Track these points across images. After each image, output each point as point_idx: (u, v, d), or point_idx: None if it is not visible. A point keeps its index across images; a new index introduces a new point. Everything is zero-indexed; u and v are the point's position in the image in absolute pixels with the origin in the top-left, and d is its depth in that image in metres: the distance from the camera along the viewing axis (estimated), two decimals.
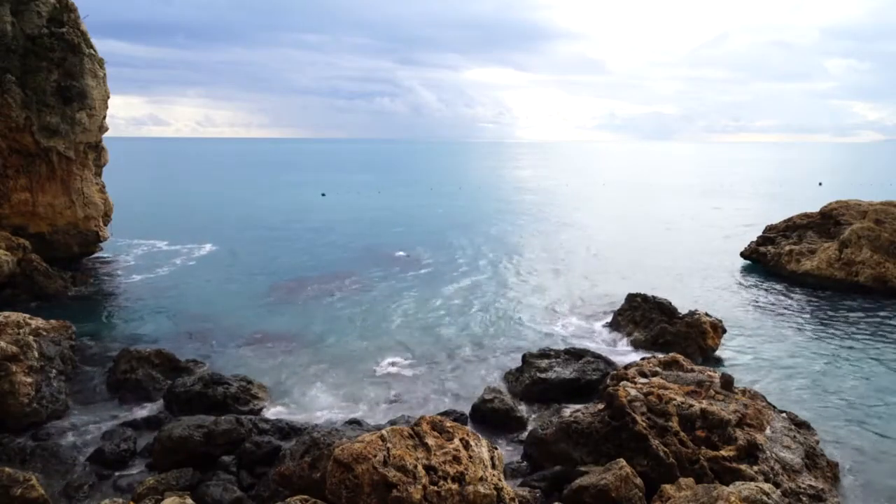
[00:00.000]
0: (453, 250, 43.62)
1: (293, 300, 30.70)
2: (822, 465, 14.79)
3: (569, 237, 49.94)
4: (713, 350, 23.19)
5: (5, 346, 17.83)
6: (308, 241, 47.25)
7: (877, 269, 31.34)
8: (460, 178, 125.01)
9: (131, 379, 19.80)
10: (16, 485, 12.87)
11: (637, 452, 14.20)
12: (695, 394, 15.72)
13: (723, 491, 10.98)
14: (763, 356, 23.34)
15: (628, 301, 25.92)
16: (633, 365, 18.36)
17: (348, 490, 11.53)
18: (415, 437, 12.47)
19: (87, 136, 34.27)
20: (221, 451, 15.38)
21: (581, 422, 15.56)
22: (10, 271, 29.45)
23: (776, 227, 41.08)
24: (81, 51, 33.23)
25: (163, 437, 15.41)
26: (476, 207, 70.82)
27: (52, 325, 20.88)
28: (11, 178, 32.90)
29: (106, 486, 14.68)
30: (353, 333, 25.66)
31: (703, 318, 23.57)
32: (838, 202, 38.83)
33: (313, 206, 70.33)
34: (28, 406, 17.21)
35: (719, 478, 13.31)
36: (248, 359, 22.68)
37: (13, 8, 31.57)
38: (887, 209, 33.34)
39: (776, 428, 15.17)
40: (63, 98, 32.55)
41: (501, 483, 12.22)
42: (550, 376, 19.98)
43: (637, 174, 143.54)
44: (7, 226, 32.57)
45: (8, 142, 32.00)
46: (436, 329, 26.34)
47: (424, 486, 11.41)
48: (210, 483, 13.98)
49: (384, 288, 33.04)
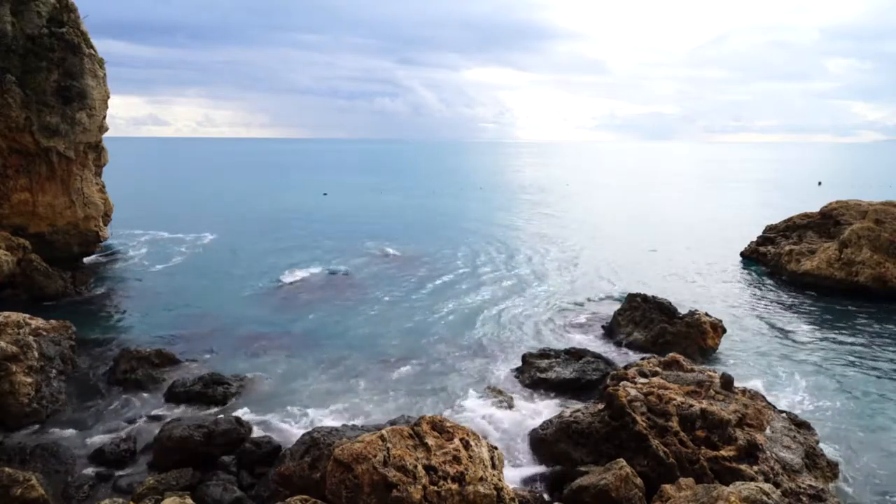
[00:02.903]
0: (454, 250, 43.61)
1: (294, 299, 30.71)
2: (822, 465, 14.80)
3: (568, 237, 49.92)
4: (713, 350, 23.19)
5: (5, 346, 17.84)
6: (309, 240, 47.25)
7: (877, 269, 31.33)
8: (461, 178, 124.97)
9: (131, 379, 19.85)
10: (16, 485, 12.87)
11: (637, 452, 14.21)
12: (695, 394, 15.73)
13: (723, 491, 10.98)
14: (763, 356, 23.34)
15: (628, 301, 25.92)
16: (633, 365, 18.38)
17: (348, 490, 11.53)
18: (415, 437, 12.47)
19: (87, 136, 34.26)
20: (221, 451, 15.39)
21: (581, 422, 15.58)
22: (10, 271, 29.47)
23: (776, 227, 41.11)
24: (81, 51, 33.23)
25: (163, 437, 15.42)
26: (476, 207, 70.82)
27: (52, 325, 20.88)
28: (11, 178, 32.90)
29: (106, 486, 14.65)
30: (353, 332, 25.67)
31: (703, 318, 23.58)
32: (838, 202, 38.85)
33: (315, 206, 70.30)
34: (28, 406, 17.22)
35: (719, 478, 13.32)
36: (248, 358, 22.67)
37: (13, 8, 31.55)
38: (887, 209, 33.32)
39: (776, 428, 15.18)
40: (63, 98, 32.55)
41: (501, 483, 12.23)
42: (550, 376, 20.00)
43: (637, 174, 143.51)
44: (7, 226, 32.57)
45: (8, 142, 31.99)
46: (436, 328, 26.33)
47: (424, 486, 11.41)
48: (210, 483, 13.98)
49: (384, 287, 33.05)
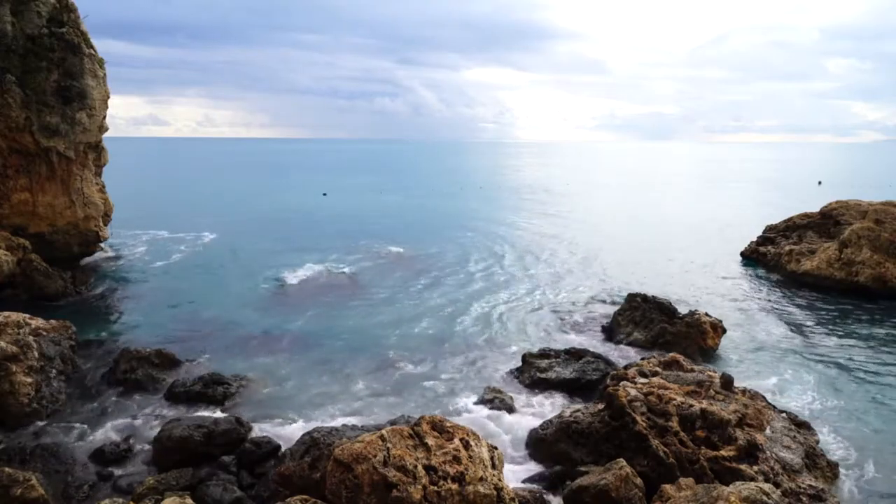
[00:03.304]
0: (453, 250, 43.61)
1: (294, 299, 30.70)
2: (822, 465, 14.80)
3: (568, 237, 49.91)
4: (713, 350, 23.19)
5: (5, 346, 17.84)
6: (309, 240, 47.24)
7: (877, 269, 31.33)
8: (461, 178, 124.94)
9: (131, 379, 19.82)
10: (16, 485, 12.87)
11: (637, 452, 14.21)
12: (695, 394, 15.73)
13: (723, 491, 10.98)
14: (763, 356, 23.34)
15: (628, 301, 25.91)
16: (633, 365, 18.38)
17: (348, 490, 11.53)
18: (415, 437, 12.47)
19: (87, 136, 34.26)
20: (221, 451, 15.38)
21: (581, 422, 15.58)
22: (10, 271, 29.46)
23: (776, 227, 41.11)
24: (81, 51, 33.23)
25: (163, 437, 15.42)
26: (476, 207, 70.80)
27: (52, 325, 20.88)
28: (11, 178, 32.90)
29: (106, 486, 14.64)
30: (353, 332, 25.65)
31: (703, 318, 23.58)
32: (838, 202, 38.85)
33: (315, 206, 70.30)
34: (28, 406, 17.22)
35: (719, 478, 13.32)
36: (248, 358, 22.66)
37: (13, 8, 31.55)
38: (887, 209, 33.32)
39: (776, 428, 15.18)
40: (63, 98, 32.54)
41: (501, 483, 12.23)
42: (550, 376, 20.00)
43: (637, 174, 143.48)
44: (7, 226, 32.57)
45: (8, 142, 32.00)
46: (436, 328, 26.33)
47: (424, 486, 11.41)
48: (210, 483, 13.98)
49: (384, 287, 33.04)
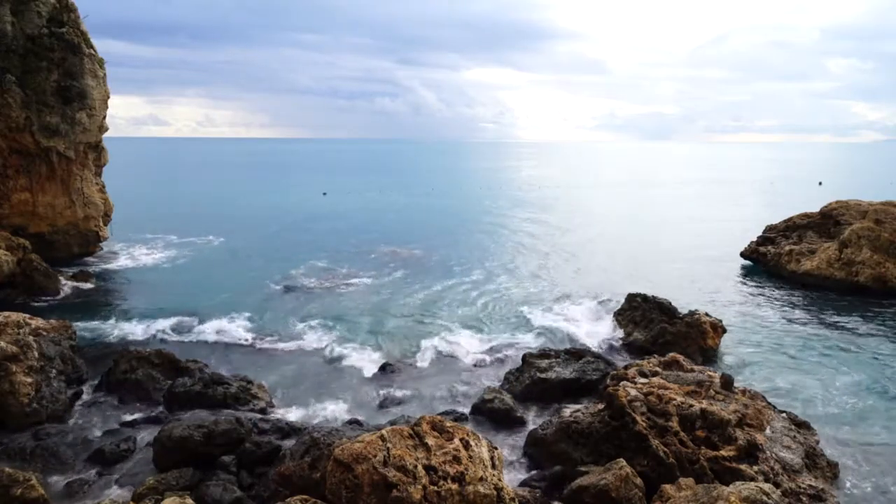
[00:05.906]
0: (453, 250, 43.60)
1: (293, 299, 30.69)
2: (822, 465, 14.80)
3: (568, 237, 49.93)
4: (713, 350, 23.18)
5: (5, 346, 17.83)
6: (309, 239, 47.26)
7: (877, 269, 31.32)
8: (461, 177, 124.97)
9: (131, 379, 19.79)
10: (16, 485, 12.86)
11: (637, 452, 14.20)
12: (695, 394, 15.72)
13: (723, 491, 10.98)
14: (763, 356, 23.33)
15: (628, 301, 25.90)
16: (633, 365, 18.36)
17: (348, 490, 11.53)
18: (415, 437, 12.47)
19: (87, 136, 34.28)
20: (221, 451, 15.36)
21: (581, 422, 15.57)
22: (10, 271, 29.46)
23: (776, 227, 41.07)
24: (81, 51, 33.25)
25: (163, 437, 15.40)
26: (477, 207, 70.80)
27: (52, 325, 20.87)
28: (11, 178, 32.93)
29: (106, 486, 14.66)
30: (352, 332, 25.64)
31: (703, 318, 23.56)
32: (838, 202, 38.80)
33: (315, 206, 70.33)
34: (28, 406, 17.21)
35: (719, 478, 13.31)
36: (248, 358, 22.67)
37: (13, 8, 31.57)
38: (887, 209, 33.31)
39: (776, 428, 15.18)
40: (63, 98, 32.56)
41: (501, 483, 12.22)
42: (550, 376, 19.99)
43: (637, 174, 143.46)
44: (7, 226, 32.59)
45: (8, 142, 32.01)
46: (435, 327, 26.33)
47: (424, 486, 11.41)
48: (210, 483, 13.97)
49: (384, 287, 33.05)
